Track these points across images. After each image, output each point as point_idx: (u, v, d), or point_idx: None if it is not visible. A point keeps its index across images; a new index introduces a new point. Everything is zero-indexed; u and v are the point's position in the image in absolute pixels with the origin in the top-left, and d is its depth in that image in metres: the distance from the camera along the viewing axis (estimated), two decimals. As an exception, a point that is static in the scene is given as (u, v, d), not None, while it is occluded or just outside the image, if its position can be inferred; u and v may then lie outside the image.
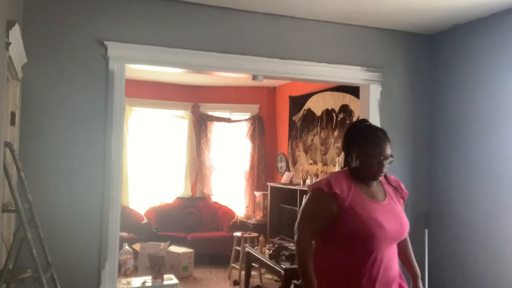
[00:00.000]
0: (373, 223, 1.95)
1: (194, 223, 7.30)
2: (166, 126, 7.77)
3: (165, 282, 3.67)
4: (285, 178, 6.83)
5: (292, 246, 5.43)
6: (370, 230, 1.94)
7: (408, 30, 4.35)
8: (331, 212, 1.98)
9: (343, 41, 4.20)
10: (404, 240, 2.17)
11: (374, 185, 2.09)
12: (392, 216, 2.02)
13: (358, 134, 2.09)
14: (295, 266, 4.57)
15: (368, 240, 1.95)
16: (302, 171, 6.81)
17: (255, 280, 5.97)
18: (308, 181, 6.05)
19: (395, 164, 4.29)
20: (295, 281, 5.06)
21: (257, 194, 7.49)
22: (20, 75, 3.01)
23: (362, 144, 2.03)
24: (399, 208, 2.11)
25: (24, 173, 2.54)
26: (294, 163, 7.12)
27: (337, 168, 5.69)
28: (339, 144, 5.91)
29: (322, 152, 6.31)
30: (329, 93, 6.17)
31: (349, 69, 4.17)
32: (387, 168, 2.05)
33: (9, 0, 2.48)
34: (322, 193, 2.00)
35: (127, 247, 4.53)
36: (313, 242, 2.09)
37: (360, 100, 4.47)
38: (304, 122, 6.86)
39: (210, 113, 7.92)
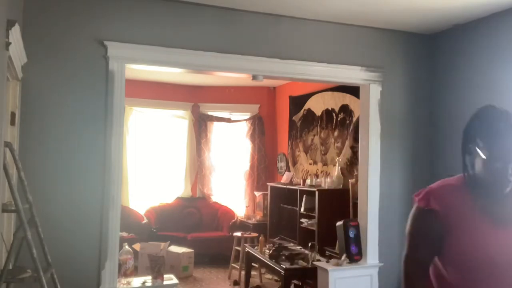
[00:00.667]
0: (478, 255, 1.42)
1: (194, 223, 7.30)
2: (166, 126, 7.77)
3: (165, 282, 3.67)
4: (285, 178, 6.83)
5: (291, 246, 5.43)
6: (476, 264, 1.43)
7: (408, 30, 4.35)
8: (435, 234, 1.50)
9: (343, 41, 4.20)
10: None
11: (508, 200, 1.47)
12: None
13: (472, 125, 1.51)
14: (295, 266, 4.61)
15: (474, 276, 1.44)
16: (302, 171, 6.81)
17: (255, 280, 5.98)
18: (308, 181, 6.04)
19: (395, 164, 4.33)
20: (295, 281, 5.06)
21: (257, 194, 7.49)
22: (20, 75, 3.01)
23: (476, 140, 1.46)
24: None
25: (24, 173, 2.54)
26: (294, 163, 7.12)
27: (337, 168, 5.69)
28: (339, 144, 5.92)
29: (322, 152, 6.31)
30: (329, 93, 6.17)
31: (349, 69, 4.16)
32: None
33: (9, 0, 2.48)
34: (419, 208, 1.55)
35: (127, 247, 4.52)
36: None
37: (360, 100, 4.47)
38: (304, 122, 6.86)
39: (210, 113, 7.92)
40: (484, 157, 1.43)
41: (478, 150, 1.45)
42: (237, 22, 3.85)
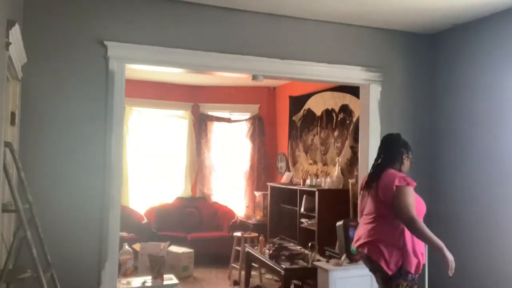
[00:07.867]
0: None
1: (194, 223, 7.30)
2: (166, 126, 7.77)
3: (165, 282, 3.67)
4: (285, 178, 6.83)
5: (291, 246, 5.43)
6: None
7: (408, 30, 4.35)
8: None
9: (343, 41, 4.20)
10: None
11: None
12: None
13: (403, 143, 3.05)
14: (295, 266, 4.61)
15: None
16: (302, 171, 6.81)
17: (255, 280, 5.97)
18: (308, 181, 6.04)
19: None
20: (295, 281, 5.06)
21: (257, 194, 7.49)
22: (20, 75, 3.01)
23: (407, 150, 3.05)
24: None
25: (24, 173, 2.54)
26: (294, 163, 7.12)
27: (337, 168, 5.70)
28: (339, 144, 5.91)
29: (322, 152, 6.31)
30: (329, 93, 6.17)
31: (349, 69, 4.17)
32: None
33: (9, 0, 2.48)
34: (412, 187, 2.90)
35: (127, 247, 4.53)
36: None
37: (360, 100, 4.48)
38: (304, 122, 6.85)
39: (210, 113, 7.92)
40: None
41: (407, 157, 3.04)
42: (237, 22, 3.85)
